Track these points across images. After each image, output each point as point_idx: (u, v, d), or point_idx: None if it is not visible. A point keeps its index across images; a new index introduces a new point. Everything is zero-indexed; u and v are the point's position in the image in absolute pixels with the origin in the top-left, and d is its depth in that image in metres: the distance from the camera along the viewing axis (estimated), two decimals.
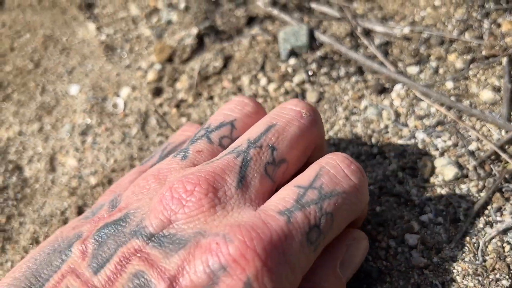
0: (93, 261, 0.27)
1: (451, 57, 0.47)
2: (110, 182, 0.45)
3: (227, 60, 0.51)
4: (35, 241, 0.42)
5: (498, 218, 0.37)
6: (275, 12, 0.54)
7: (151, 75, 0.53)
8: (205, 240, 0.25)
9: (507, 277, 0.34)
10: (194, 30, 0.54)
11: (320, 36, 0.49)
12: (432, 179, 0.40)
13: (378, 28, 0.51)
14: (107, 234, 0.28)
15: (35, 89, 0.56)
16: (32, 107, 0.55)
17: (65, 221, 0.43)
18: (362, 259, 0.33)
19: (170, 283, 0.24)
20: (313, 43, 0.49)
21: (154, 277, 0.25)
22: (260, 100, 0.47)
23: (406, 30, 0.50)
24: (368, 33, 0.51)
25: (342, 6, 0.55)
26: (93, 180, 0.45)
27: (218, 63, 0.51)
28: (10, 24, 0.64)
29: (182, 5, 0.59)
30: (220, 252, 0.24)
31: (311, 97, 0.46)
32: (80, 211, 0.43)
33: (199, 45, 0.54)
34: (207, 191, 0.27)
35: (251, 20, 0.57)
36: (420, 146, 0.42)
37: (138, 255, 0.26)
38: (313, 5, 0.55)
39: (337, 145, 0.43)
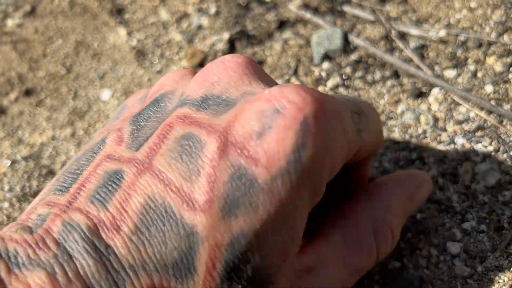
0: (133, 143, 0.24)
1: (490, 60, 0.46)
2: None
3: (260, 64, 0.51)
4: None
5: None
6: (307, 15, 0.54)
7: None
8: (255, 96, 0.23)
9: None
10: (226, 35, 0.54)
11: (354, 39, 0.49)
12: (473, 186, 0.39)
13: (413, 31, 0.50)
14: (145, 116, 0.26)
15: (67, 94, 0.57)
16: (64, 112, 0.55)
17: None
18: (425, 199, 0.36)
19: (220, 137, 0.22)
20: (347, 47, 0.49)
21: (203, 134, 0.23)
22: None
23: (442, 33, 0.49)
24: (403, 36, 0.50)
25: (375, 9, 0.54)
26: None
27: None
28: (42, 30, 0.65)
29: (212, 10, 0.59)
30: (274, 97, 0.22)
31: None
32: None
33: (231, 50, 0.54)
34: (250, 61, 0.27)
35: (282, 24, 0.56)
36: (460, 151, 0.41)
37: (182, 121, 0.24)
38: (346, 8, 0.55)
39: None
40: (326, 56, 0.49)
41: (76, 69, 0.59)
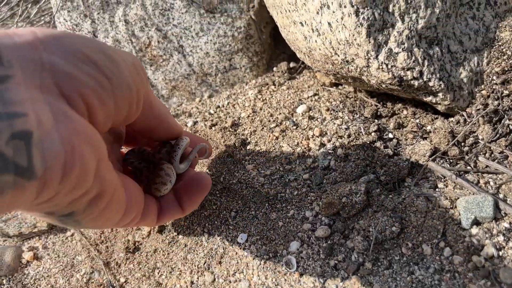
0: None
1: None
2: None
3: (403, 223, 0.51)
4: None
5: None
6: (443, 170, 0.54)
7: (320, 231, 0.53)
8: None
9: None
10: (362, 187, 0.55)
11: (505, 206, 0.49)
12: None
13: None
14: None
15: (201, 234, 0.58)
16: (200, 254, 0.56)
17: None
18: None
19: None
20: (497, 213, 0.49)
21: None
22: (447, 275, 0.47)
23: None
24: None
25: (505, 153, 0.55)
26: None
27: (395, 228, 0.51)
28: None
29: (339, 151, 0.60)
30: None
31: (505, 277, 0.45)
32: None
33: (368, 201, 0.54)
34: None
35: (412, 168, 0.57)
36: None
37: None
38: (481, 159, 0.55)
39: None
40: (476, 221, 0.49)
41: (205, 206, 0.60)
